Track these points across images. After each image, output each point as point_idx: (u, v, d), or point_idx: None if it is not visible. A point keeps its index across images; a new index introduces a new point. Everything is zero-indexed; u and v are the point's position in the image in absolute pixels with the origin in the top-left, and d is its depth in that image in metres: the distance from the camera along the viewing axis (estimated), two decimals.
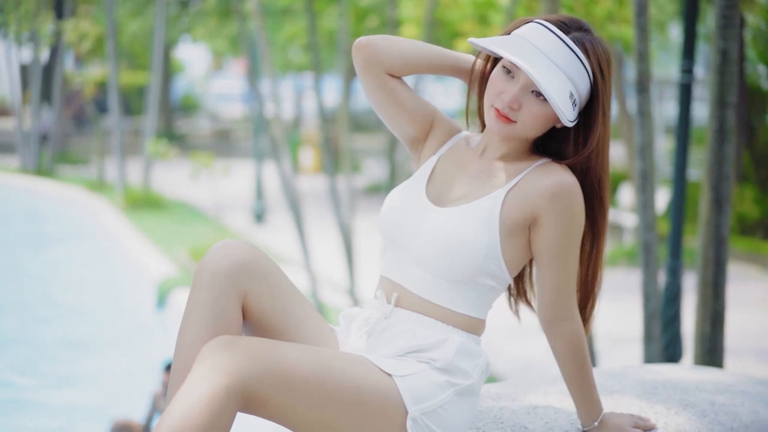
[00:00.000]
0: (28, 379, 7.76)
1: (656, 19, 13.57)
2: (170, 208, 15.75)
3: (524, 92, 2.15)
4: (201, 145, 26.66)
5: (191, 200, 16.81)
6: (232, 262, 2.12)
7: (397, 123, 2.35)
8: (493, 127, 2.19)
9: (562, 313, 2.18)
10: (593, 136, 2.19)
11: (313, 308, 2.25)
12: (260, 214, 14.83)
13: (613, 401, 2.37)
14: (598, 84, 2.17)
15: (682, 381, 2.57)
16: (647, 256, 4.55)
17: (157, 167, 18.62)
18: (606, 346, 8.02)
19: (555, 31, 2.15)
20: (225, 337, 1.98)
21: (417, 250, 2.20)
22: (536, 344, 8.29)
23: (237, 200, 16.57)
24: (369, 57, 2.27)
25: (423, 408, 2.10)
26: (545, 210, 2.15)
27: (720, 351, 4.21)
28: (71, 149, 24.29)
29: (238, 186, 17.78)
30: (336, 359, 2.07)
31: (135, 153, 20.47)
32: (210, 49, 28.72)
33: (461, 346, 2.16)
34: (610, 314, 9.24)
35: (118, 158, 16.79)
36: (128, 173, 17.73)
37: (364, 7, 14.22)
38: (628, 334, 7.88)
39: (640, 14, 4.36)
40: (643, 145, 4.46)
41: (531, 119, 2.16)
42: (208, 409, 1.87)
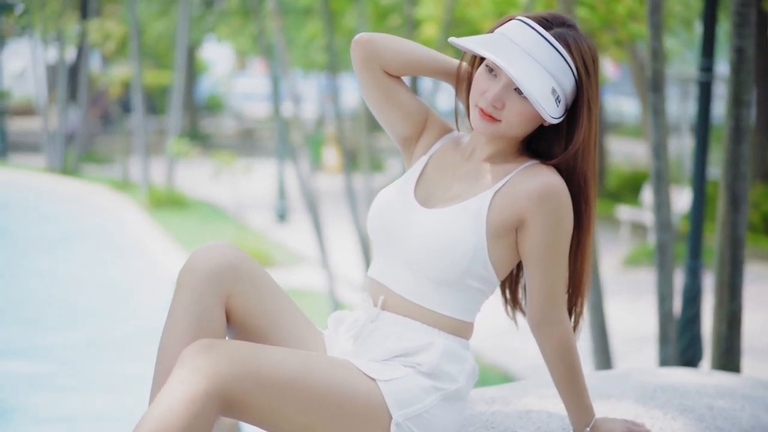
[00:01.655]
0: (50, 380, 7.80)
1: (682, 15, 13.46)
2: (193, 208, 15.80)
3: (507, 90, 2.13)
4: (225, 144, 26.75)
5: (214, 199, 16.85)
6: (215, 265, 2.10)
7: (390, 121, 2.33)
8: (478, 127, 2.17)
9: (551, 315, 2.16)
10: (578, 133, 2.16)
11: (300, 311, 2.23)
12: (283, 214, 14.84)
13: (610, 405, 2.34)
14: (583, 80, 2.15)
15: (683, 385, 2.53)
16: (662, 257, 4.50)
17: (181, 166, 18.69)
18: (626, 346, 7.97)
19: (536, 28, 2.12)
20: (205, 340, 1.97)
21: (404, 251, 2.18)
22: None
23: (260, 199, 16.60)
24: (368, 53, 2.26)
25: (407, 413, 2.08)
26: (532, 212, 2.13)
27: (737, 352, 4.16)
28: (97, 149, 24.42)
29: (261, 185, 17.81)
30: (319, 363, 2.05)
31: (159, 152, 20.54)
32: (234, 49, 28.83)
33: (447, 350, 2.14)
34: (630, 315, 9.19)
35: (142, 158, 16.86)
36: (152, 172, 17.81)
37: (384, 7, 14.19)
38: (648, 335, 7.82)
39: (653, 12, 4.31)
40: (657, 144, 4.42)
41: (515, 117, 2.14)
42: (187, 412, 1.86)
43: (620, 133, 27.42)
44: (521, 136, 2.21)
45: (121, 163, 19.54)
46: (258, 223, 14.67)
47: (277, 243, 12.97)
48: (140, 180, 17.07)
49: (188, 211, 15.33)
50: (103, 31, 19.53)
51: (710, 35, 4.93)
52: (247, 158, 20.48)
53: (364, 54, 2.27)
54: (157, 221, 14.26)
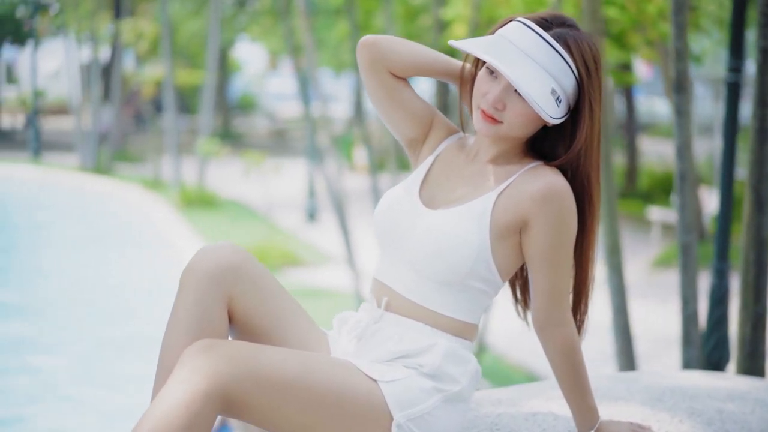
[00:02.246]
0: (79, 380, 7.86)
1: (716, 15, 13.35)
2: (224, 207, 15.87)
3: (507, 92, 2.12)
4: (257, 144, 26.85)
5: (245, 199, 16.92)
6: (217, 265, 2.11)
7: (396, 123, 2.32)
8: (480, 129, 2.16)
9: (555, 317, 2.14)
10: (580, 133, 2.14)
11: (304, 312, 2.23)
12: (312, 213, 14.88)
13: (617, 408, 2.31)
14: (584, 80, 2.13)
15: (693, 388, 2.50)
16: (686, 258, 4.46)
17: (212, 166, 18.78)
18: (654, 348, 7.93)
19: (535, 29, 2.11)
20: (206, 340, 1.97)
21: (408, 252, 2.18)
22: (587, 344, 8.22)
23: (291, 199, 16.65)
24: (374, 55, 2.26)
25: (409, 414, 2.07)
26: (535, 214, 2.11)
27: (761, 355, 4.13)
28: (130, 148, 24.58)
29: (292, 185, 17.86)
30: (320, 364, 2.04)
31: (191, 152, 20.67)
32: (266, 49, 28.92)
33: (449, 352, 2.13)
34: (659, 316, 9.13)
35: (174, 157, 16.95)
36: (184, 172, 17.91)
37: (415, 7, 14.18)
38: (677, 337, 7.76)
39: (677, 12, 4.28)
40: (681, 145, 4.38)
41: (516, 118, 2.13)
42: (187, 412, 1.86)
43: (653, 133, 27.24)
44: (524, 137, 2.20)
45: (153, 162, 19.67)
46: (288, 223, 14.71)
47: (306, 242, 13.01)
48: (172, 179, 17.18)
49: (219, 211, 15.40)
50: (136, 30, 19.67)
51: (739, 35, 4.88)
52: (278, 158, 20.56)
53: (369, 56, 2.26)
54: (188, 220, 14.34)
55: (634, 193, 16.40)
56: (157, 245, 13.41)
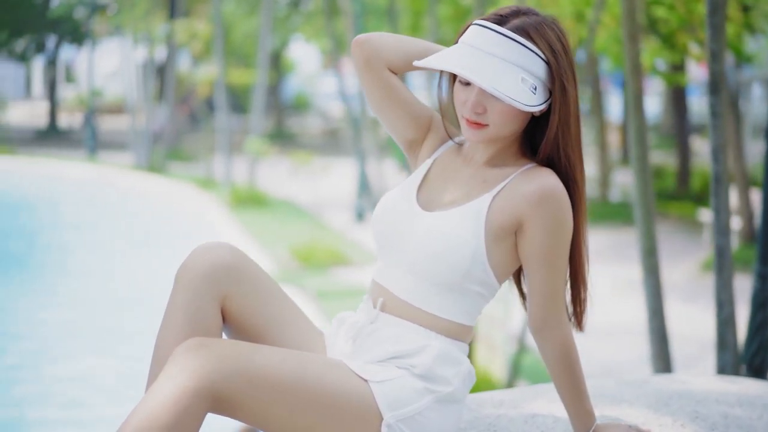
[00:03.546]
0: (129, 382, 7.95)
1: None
2: (274, 206, 15.97)
3: (482, 95, 2.13)
4: (310, 143, 26.98)
5: (295, 198, 17.01)
6: (212, 264, 2.13)
7: (394, 124, 2.33)
8: (469, 137, 2.17)
9: (551, 319, 2.14)
10: (553, 115, 2.14)
11: (301, 312, 2.24)
12: (362, 213, 14.91)
13: (620, 411, 2.30)
14: (551, 62, 2.13)
15: (702, 392, 2.48)
16: (721, 261, 4.42)
17: (264, 165, 18.91)
18: (699, 351, 7.84)
19: (491, 27, 2.12)
20: (197, 338, 1.99)
21: (404, 254, 2.19)
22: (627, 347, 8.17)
23: (342, 199, 16.70)
24: (369, 52, 2.27)
25: (399, 414, 2.07)
26: (530, 215, 2.11)
27: None
28: (183, 147, 24.85)
29: (343, 184, 17.92)
30: (312, 363, 2.06)
31: (244, 151, 20.85)
32: (319, 49, 29.02)
33: (441, 353, 2.13)
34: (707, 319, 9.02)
35: (225, 156, 17.10)
36: (236, 171, 18.06)
37: (464, 8, 14.16)
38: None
39: (713, 13, 4.24)
40: (716, 147, 4.34)
41: (499, 117, 2.13)
42: (174, 409, 1.88)
43: (706, 134, 26.91)
44: (515, 134, 2.20)
45: (206, 161, 19.86)
46: (337, 223, 14.77)
47: (354, 242, 13.04)
48: (223, 178, 17.33)
49: (269, 210, 15.50)
50: (190, 30, 19.86)
51: None
52: (330, 157, 20.64)
53: (364, 53, 2.28)
54: (238, 219, 14.45)
55: (686, 195, 16.22)
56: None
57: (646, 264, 5.26)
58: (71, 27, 28.36)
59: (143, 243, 13.54)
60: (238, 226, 13.88)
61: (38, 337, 8.41)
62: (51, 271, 11.49)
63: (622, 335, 8.51)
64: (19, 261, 11.99)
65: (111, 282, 11.07)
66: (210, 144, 20.16)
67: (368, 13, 18.05)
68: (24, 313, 9.09)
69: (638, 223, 4.91)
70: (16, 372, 7.32)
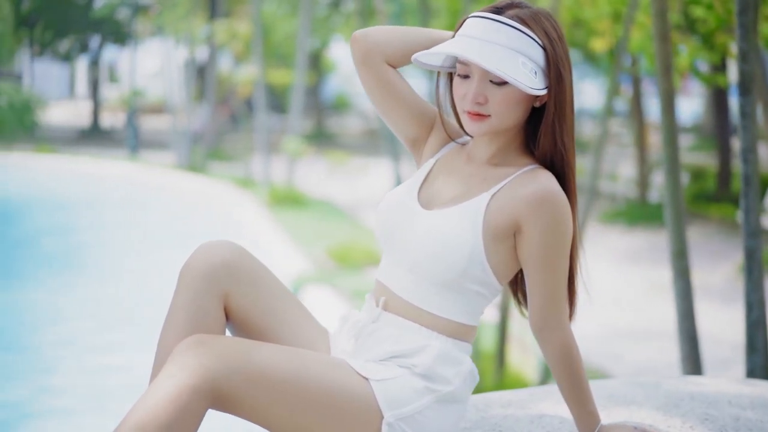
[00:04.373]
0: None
1: None
2: (312, 206, 16.02)
3: (484, 84, 2.14)
4: (350, 143, 27.03)
5: (333, 198, 17.06)
6: (214, 262, 2.15)
7: (396, 121, 2.34)
8: (472, 130, 2.17)
9: (552, 321, 2.14)
10: (551, 101, 2.16)
11: (304, 310, 2.26)
12: None
13: (629, 412, 2.29)
14: (547, 47, 2.15)
15: (716, 394, 2.45)
16: (751, 263, 4.37)
17: (302, 165, 18.98)
18: (734, 354, 7.75)
19: (489, 17, 2.14)
20: (197, 336, 2.00)
21: (405, 253, 2.19)
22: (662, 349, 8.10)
23: (379, 198, 16.72)
24: (367, 45, 2.28)
25: (399, 413, 2.08)
26: (527, 218, 2.11)
27: None
28: (224, 147, 25.00)
29: (381, 184, 17.94)
30: (312, 361, 2.07)
31: (283, 151, 20.95)
32: None
33: (442, 353, 2.14)
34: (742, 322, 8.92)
35: (264, 156, 17.19)
36: (275, 171, 18.14)
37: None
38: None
39: (742, 12, 4.20)
40: (746, 148, 4.29)
41: (501, 106, 2.14)
42: (173, 406, 1.89)
43: None
44: (516, 127, 2.20)
45: (245, 161, 19.97)
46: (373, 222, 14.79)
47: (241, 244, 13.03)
48: (262, 178, 17.42)
49: (306, 210, 15.56)
50: (230, 31, 19.97)
51: None
52: (370, 157, 20.66)
53: (361, 49, 2.29)
54: (275, 218, 14.52)
55: (727, 197, 16.06)
56: (243, 243, 13.60)
57: (676, 266, 5.22)
58: (114, 27, 28.66)
59: (181, 241, 13.63)
60: (275, 226, 13.94)
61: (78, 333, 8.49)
62: (90, 268, 11.61)
63: (657, 337, 8.44)
64: (59, 259, 12.12)
65: (150, 279, 11.15)
66: (250, 144, 20.25)
67: (406, 13, 18.06)
68: (64, 311, 9.18)
69: (668, 225, 4.88)
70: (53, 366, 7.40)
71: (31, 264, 11.78)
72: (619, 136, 26.04)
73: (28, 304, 9.45)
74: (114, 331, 8.88)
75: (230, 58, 28.01)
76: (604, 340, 8.27)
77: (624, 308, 9.36)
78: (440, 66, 2.28)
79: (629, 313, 9.20)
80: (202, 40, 22.57)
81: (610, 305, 9.47)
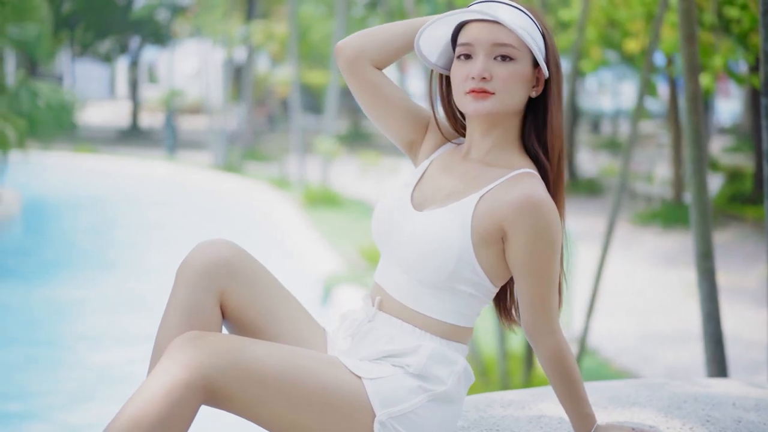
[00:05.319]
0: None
1: None
2: (345, 205, 16.06)
3: (489, 60, 2.15)
4: (385, 144, 27.00)
5: (367, 198, 17.09)
6: (211, 260, 2.16)
7: (390, 125, 2.34)
8: (476, 109, 2.16)
9: (542, 327, 2.13)
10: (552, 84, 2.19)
11: (302, 308, 2.27)
12: None
13: (630, 413, 2.28)
14: (546, 37, 2.19)
15: (721, 396, 2.44)
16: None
17: (337, 165, 19.04)
18: (764, 357, 7.69)
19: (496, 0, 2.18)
20: (192, 332, 2.02)
21: (398, 254, 2.20)
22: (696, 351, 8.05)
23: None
24: (350, 53, 2.28)
25: (392, 412, 2.09)
26: (512, 223, 2.11)
27: None
28: (261, 147, 25.12)
29: None
30: (305, 359, 2.08)
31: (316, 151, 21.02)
32: None
33: (435, 353, 2.14)
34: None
35: (299, 156, 17.26)
36: (310, 171, 18.21)
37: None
38: None
39: (766, 13, 4.16)
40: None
41: (505, 83, 2.14)
42: (166, 401, 1.91)
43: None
44: (516, 107, 2.19)
45: (281, 161, 20.07)
46: None
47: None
48: (297, 178, 17.50)
49: (340, 209, 15.60)
50: (267, 32, 20.06)
51: None
52: (404, 157, 20.65)
53: (346, 57, 2.29)
54: (309, 218, 14.57)
55: (762, 198, 15.90)
56: (277, 242, 13.66)
57: (702, 267, 5.19)
58: (153, 28, 28.89)
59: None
60: (308, 225, 13.99)
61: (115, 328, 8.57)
62: (127, 266, 11.72)
63: (690, 340, 8.40)
64: (97, 256, 12.25)
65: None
66: (286, 144, 20.34)
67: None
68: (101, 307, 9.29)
69: (694, 226, 4.86)
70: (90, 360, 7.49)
71: (70, 262, 11.91)
72: (657, 136, 25.87)
73: (67, 300, 9.58)
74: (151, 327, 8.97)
75: (267, 58, 28.15)
76: (636, 341, 8.23)
77: (657, 310, 9.31)
78: (435, 63, 2.28)
79: (663, 315, 9.15)
80: (239, 40, 22.68)
81: (643, 307, 9.42)
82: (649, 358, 7.88)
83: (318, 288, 10.06)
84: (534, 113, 2.23)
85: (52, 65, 31.42)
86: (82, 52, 30.93)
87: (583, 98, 30.73)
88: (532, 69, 2.19)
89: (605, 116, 35.12)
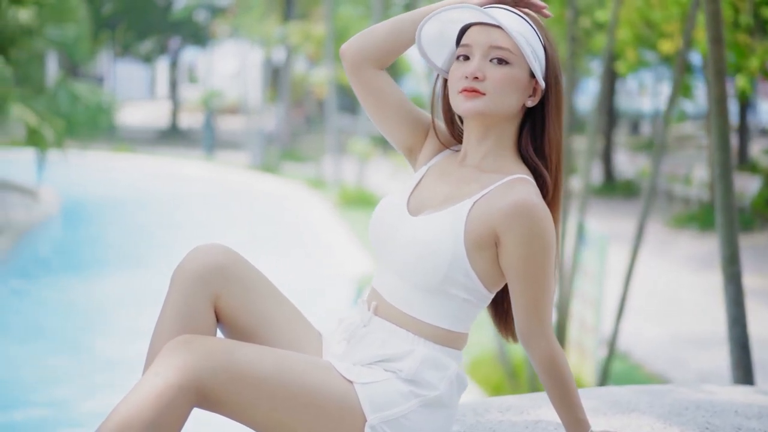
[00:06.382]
0: None
1: None
2: None
3: (484, 62, 2.14)
4: None
5: None
6: (205, 264, 2.17)
7: (391, 128, 2.33)
8: (467, 108, 2.16)
9: (535, 331, 2.12)
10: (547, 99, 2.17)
11: (297, 312, 2.27)
12: None
13: (629, 420, 2.26)
14: (547, 48, 2.17)
15: (723, 403, 2.41)
16: None
17: (372, 166, 19.06)
18: None
19: (501, 6, 2.18)
20: (185, 336, 2.03)
21: (393, 259, 2.20)
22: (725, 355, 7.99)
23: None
24: (354, 56, 2.28)
25: (383, 416, 2.08)
26: (505, 229, 2.10)
27: None
28: (298, 147, 25.21)
29: None
30: (297, 363, 2.08)
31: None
32: None
33: (427, 358, 2.14)
34: None
35: (335, 157, 17.31)
36: (346, 171, 18.26)
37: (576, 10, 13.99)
38: None
39: None
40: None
41: (498, 84, 2.13)
42: (157, 403, 1.92)
43: None
44: (509, 111, 2.18)
45: (317, 161, 20.13)
46: None
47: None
48: (332, 178, 17.56)
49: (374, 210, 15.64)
50: (304, 33, 20.13)
51: None
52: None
53: (349, 59, 2.29)
54: (343, 218, 14.61)
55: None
56: (312, 244, 13.71)
57: (727, 271, 5.14)
58: (193, 29, 29.09)
59: (251, 239, 13.78)
60: (342, 226, 14.03)
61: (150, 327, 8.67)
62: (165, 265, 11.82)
63: (723, 344, 8.33)
64: (135, 255, 12.35)
65: None
66: (323, 145, 20.41)
67: None
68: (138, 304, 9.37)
69: (719, 229, 4.82)
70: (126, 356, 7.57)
71: (108, 260, 12.03)
72: (697, 138, 25.63)
73: (105, 297, 9.70)
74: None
75: (305, 59, 28.23)
76: (669, 345, 8.17)
77: (691, 314, 9.24)
78: (434, 63, 2.29)
79: (696, 318, 9.08)
80: (277, 41, 22.78)
81: (677, 311, 9.36)
82: (681, 362, 7.83)
83: (351, 287, 10.09)
84: (532, 122, 2.22)
85: (93, 66, 31.69)
86: (123, 52, 31.22)
87: (623, 99, 30.52)
88: (529, 77, 2.18)
89: (644, 117, 34.85)
